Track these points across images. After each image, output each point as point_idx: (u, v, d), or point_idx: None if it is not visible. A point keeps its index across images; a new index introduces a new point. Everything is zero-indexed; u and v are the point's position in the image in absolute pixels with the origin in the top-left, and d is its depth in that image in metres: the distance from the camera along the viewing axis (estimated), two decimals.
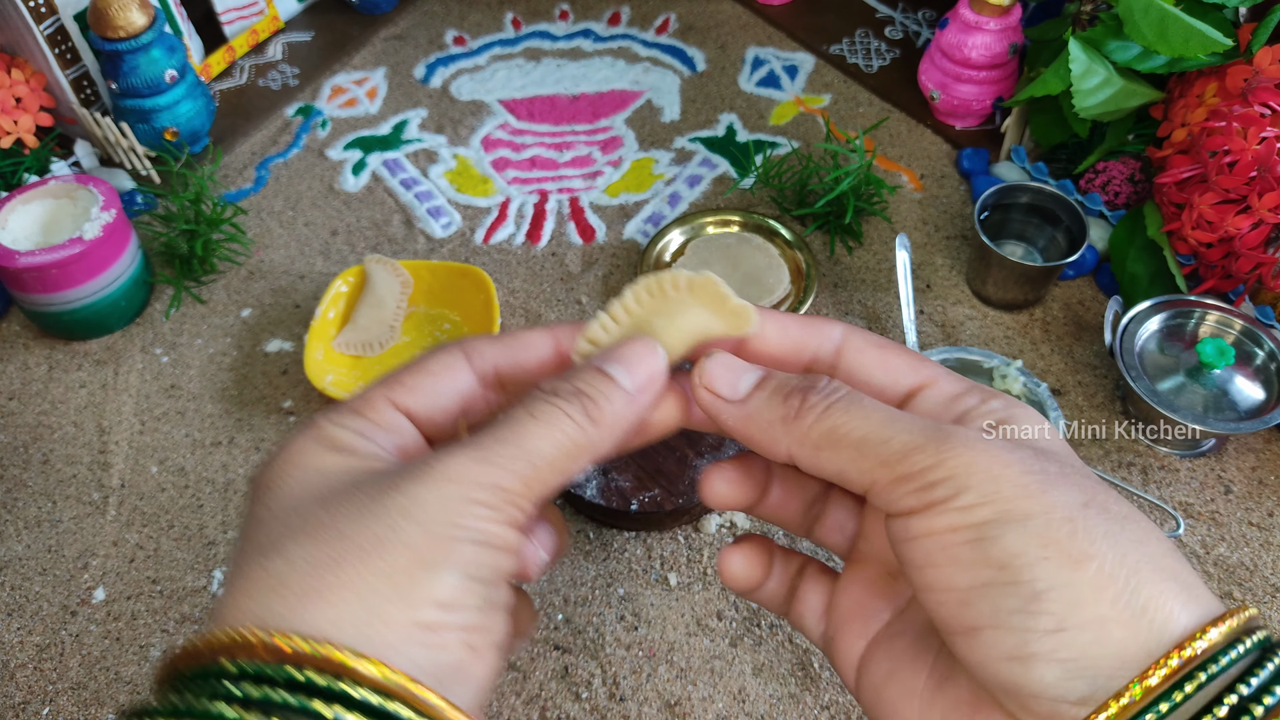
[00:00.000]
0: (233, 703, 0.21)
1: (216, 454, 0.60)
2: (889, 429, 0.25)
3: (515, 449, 0.25)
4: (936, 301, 0.66)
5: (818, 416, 0.26)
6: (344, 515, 0.24)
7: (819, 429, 0.26)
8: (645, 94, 0.82)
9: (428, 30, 0.88)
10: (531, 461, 0.25)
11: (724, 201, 0.73)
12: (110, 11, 0.66)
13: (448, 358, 0.29)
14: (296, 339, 0.65)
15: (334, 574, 0.23)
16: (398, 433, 0.27)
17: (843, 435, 0.25)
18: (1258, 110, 0.55)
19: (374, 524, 0.23)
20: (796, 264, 0.67)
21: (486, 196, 0.74)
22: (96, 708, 0.50)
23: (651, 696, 0.49)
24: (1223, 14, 0.60)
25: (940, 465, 0.24)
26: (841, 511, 0.31)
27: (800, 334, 0.29)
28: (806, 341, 0.29)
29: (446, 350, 0.29)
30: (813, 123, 0.79)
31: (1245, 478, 0.57)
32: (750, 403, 0.27)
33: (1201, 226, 0.58)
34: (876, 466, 0.25)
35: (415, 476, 0.24)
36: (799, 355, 0.29)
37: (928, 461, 0.24)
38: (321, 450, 0.26)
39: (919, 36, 0.85)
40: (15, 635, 0.53)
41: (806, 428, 0.26)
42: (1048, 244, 0.66)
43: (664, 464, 0.55)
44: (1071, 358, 0.63)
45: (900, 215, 0.72)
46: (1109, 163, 0.67)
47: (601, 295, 0.67)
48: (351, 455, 0.26)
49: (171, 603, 0.54)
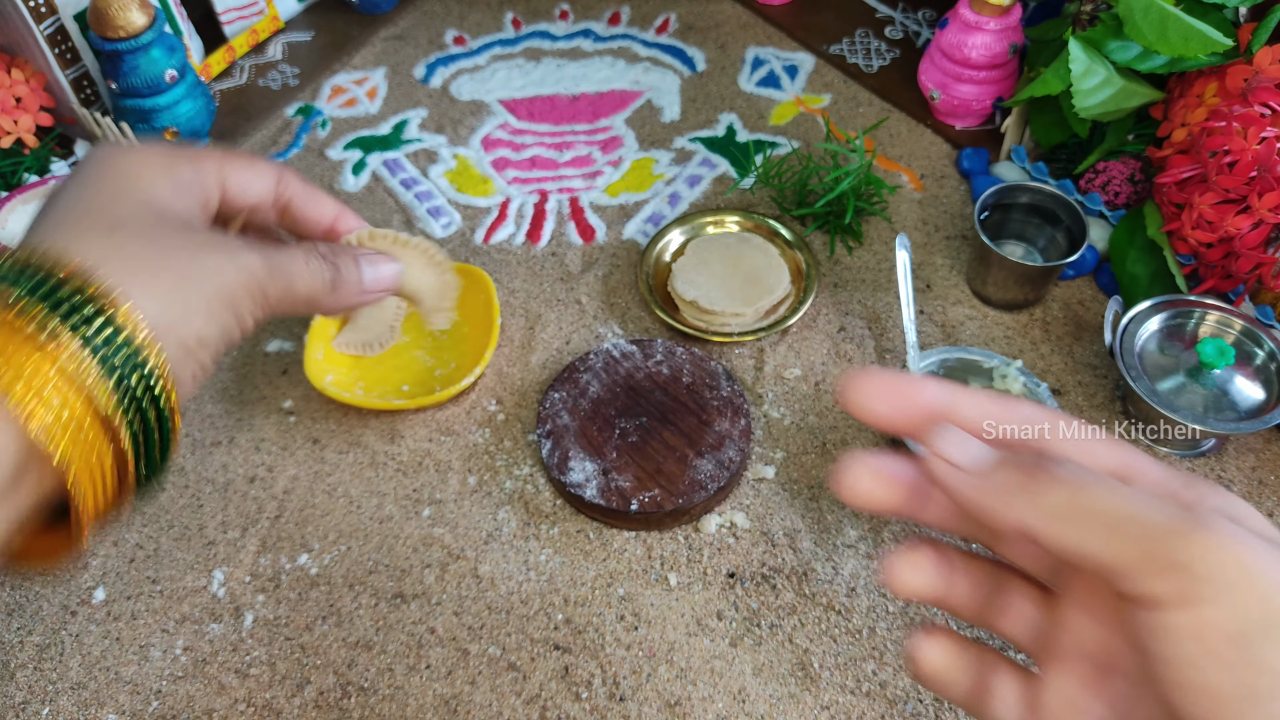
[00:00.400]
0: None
1: (216, 454, 0.60)
2: (1142, 508, 0.24)
3: (286, 275, 0.36)
4: (936, 301, 0.66)
5: (1063, 489, 0.25)
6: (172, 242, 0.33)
7: (1063, 500, 0.25)
8: (645, 94, 0.82)
9: (428, 30, 0.88)
10: (290, 288, 0.36)
11: (724, 201, 0.73)
12: (110, 11, 0.66)
13: (270, 169, 0.40)
14: (296, 339, 0.65)
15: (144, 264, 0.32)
16: (208, 197, 0.38)
17: (1090, 509, 0.25)
18: (1258, 110, 0.55)
19: (190, 258, 0.33)
20: (796, 264, 0.67)
21: (486, 196, 0.74)
22: (96, 708, 0.50)
23: (651, 696, 0.49)
24: (1223, 14, 0.60)
25: (1204, 556, 0.23)
26: (1026, 602, 0.30)
27: (1000, 413, 0.29)
28: (1007, 421, 0.29)
29: (272, 164, 0.40)
30: (813, 123, 0.79)
31: (1245, 478, 0.57)
32: (988, 473, 0.27)
33: (1201, 226, 0.58)
34: (1127, 546, 0.24)
35: (224, 249, 0.34)
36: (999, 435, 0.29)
37: (1189, 550, 0.23)
38: (166, 184, 0.35)
39: (919, 36, 0.85)
40: (15, 635, 0.53)
41: (1049, 497, 0.25)
42: (1048, 244, 0.66)
43: (664, 464, 0.55)
44: (1071, 358, 0.63)
45: (900, 215, 0.72)
46: (1109, 163, 0.67)
47: (602, 295, 0.67)
48: (183, 198, 0.36)
49: (171, 603, 0.54)
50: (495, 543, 0.55)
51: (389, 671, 0.51)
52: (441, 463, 0.59)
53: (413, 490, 0.58)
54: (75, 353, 0.29)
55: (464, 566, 0.54)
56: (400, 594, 0.53)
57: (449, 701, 0.49)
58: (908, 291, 0.59)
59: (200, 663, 0.51)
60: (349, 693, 0.50)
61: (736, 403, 0.58)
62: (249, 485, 0.58)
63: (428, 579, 0.54)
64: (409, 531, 0.56)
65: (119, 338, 0.30)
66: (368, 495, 0.58)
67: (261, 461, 0.59)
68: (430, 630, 0.52)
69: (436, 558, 0.55)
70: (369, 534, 0.56)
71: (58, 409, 0.29)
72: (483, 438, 0.60)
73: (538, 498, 0.57)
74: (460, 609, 0.53)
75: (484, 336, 0.62)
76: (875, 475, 0.29)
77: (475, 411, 0.61)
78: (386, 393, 0.61)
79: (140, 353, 0.30)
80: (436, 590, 0.54)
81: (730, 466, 0.55)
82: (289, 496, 0.58)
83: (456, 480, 0.58)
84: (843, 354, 0.63)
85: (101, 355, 0.30)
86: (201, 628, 0.52)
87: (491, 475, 0.58)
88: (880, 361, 0.63)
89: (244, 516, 0.57)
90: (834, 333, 0.65)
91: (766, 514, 0.56)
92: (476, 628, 0.52)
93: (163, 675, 0.51)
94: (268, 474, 0.59)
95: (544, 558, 0.54)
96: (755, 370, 0.63)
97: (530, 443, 0.59)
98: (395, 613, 0.53)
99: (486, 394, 0.62)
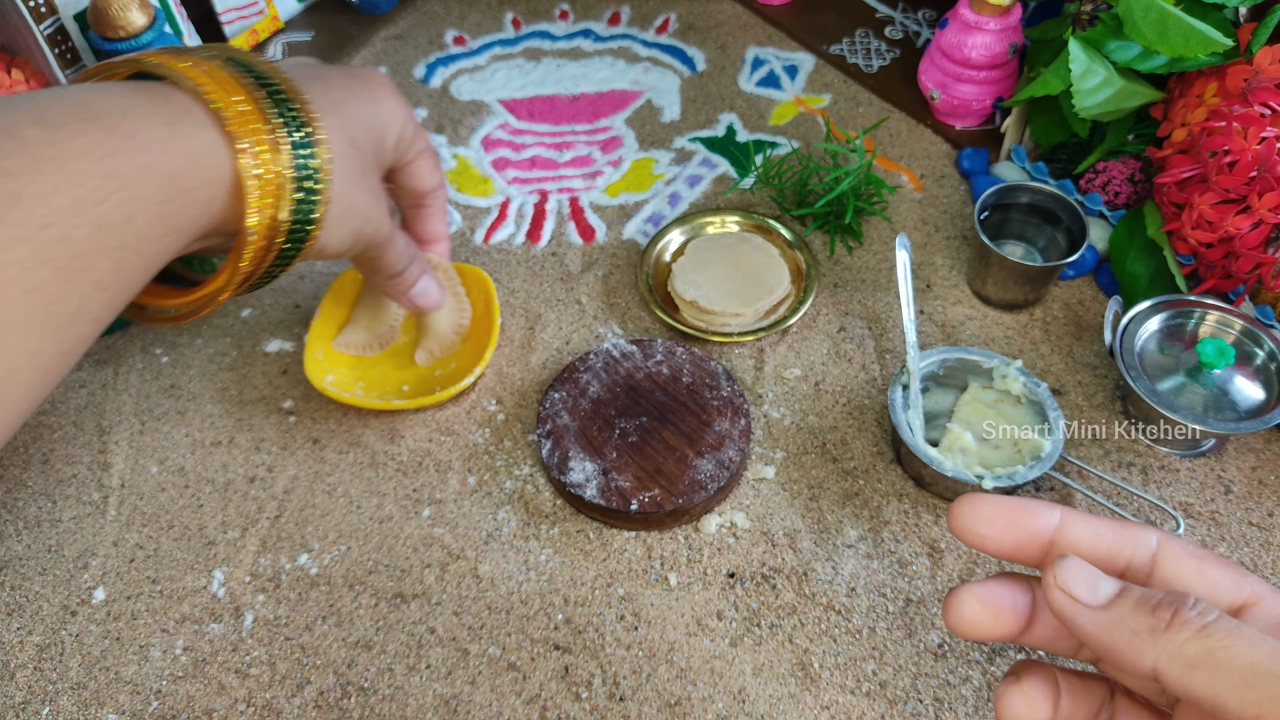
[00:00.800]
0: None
1: (216, 454, 0.60)
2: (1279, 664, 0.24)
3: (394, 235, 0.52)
4: (936, 301, 0.66)
5: (1194, 633, 0.25)
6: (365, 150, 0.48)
7: (1196, 647, 0.25)
8: (645, 94, 0.82)
9: (428, 30, 0.88)
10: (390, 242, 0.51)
11: (724, 201, 0.73)
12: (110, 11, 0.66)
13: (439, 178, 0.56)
14: (296, 339, 0.65)
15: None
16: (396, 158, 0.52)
17: (1226, 659, 0.24)
18: (1258, 110, 0.55)
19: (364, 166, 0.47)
20: (796, 264, 0.67)
21: (486, 196, 0.74)
22: (96, 708, 0.50)
23: (651, 696, 0.49)
24: (1223, 14, 0.60)
25: None
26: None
27: (1114, 539, 0.29)
28: (1121, 548, 0.29)
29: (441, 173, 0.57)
30: (813, 123, 0.79)
31: (1245, 478, 0.57)
32: (1113, 610, 0.27)
33: (1201, 226, 0.58)
34: (1266, 701, 0.24)
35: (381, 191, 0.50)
36: (1113, 562, 0.29)
37: None
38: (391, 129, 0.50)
39: (919, 36, 0.85)
40: (15, 635, 0.53)
41: (1181, 643, 0.25)
42: (1048, 244, 0.66)
43: (664, 464, 0.55)
44: (1071, 358, 0.63)
45: (900, 215, 0.72)
46: (1109, 163, 0.67)
47: (602, 295, 0.67)
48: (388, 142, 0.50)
49: (171, 603, 0.54)
50: (495, 543, 0.55)
51: (389, 671, 0.51)
52: (441, 463, 0.59)
53: (413, 490, 0.58)
54: (284, 139, 0.40)
55: (464, 566, 0.54)
56: (400, 594, 0.53)
57: (449, 701, 0.49)
58: (908, 291, 0.59)
59: (200, 663, 0.51)
60: (349, 693, 0.50)
61: (736, 403, 0.58)
62: (249, 485, 0.58)
63: (428, 579, 0.54)
64: (409, 531, 0.56)
65: (311, 150, 0.41)
66: (368, 495, 0.58)
67: (261, 461, 0.59)
68: (430, 630, 0.52)
69: (436, 558, 0.55)
70: (369, 534, 0.56)
71: (262, 170, 0.39)
72: (483, 438, 0.60)
73: (538, 498, 0.57)
74: (460, 609, 0.53)
75: (484, 336, 0.62)
76: (984, 605, 0.29)
77: (475, 411, 0.61)
78: (386, 393, 0.61)
79: (319, 171, 0.42)
80: (436, 590, 0.54)
81: (730, 466, 0.55)
82: (289, 496, 0.58)
83: (456, 480, 0.58)
84: (843, 354, 0.63)
85: (298, 153, 0.41)
86: (201, 628, 0.53)
87: (491, 475, 0.58)
88: (880, 361, 0.63)
89: (244, 516, 0.57)
90: (834, 333, 0.65)
91: (766, 514, 0.56)
92: (476, 628, 0.52)
93: (163, 675, 0.51)
94: (268, 474, 0.59)
95: (544, 558, 0.54)
96: (755, 370, 0.63)
97: (530, 443, 0.59)
98: (395, 613, 0.53)
99: (486, 394, 0.62)
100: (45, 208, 0.33)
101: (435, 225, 0.58)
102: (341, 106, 0.45)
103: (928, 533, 0.55)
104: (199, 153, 0.38)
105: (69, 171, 0.33)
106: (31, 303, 0.33)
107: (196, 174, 0.38)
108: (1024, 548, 0.29)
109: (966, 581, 0.29)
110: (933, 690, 0.49)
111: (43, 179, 0.33)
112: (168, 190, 0.37)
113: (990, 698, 0.49)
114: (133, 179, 0.35)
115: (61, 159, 0.33)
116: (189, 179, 0.37)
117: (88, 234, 0.34)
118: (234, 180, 0.39)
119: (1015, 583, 0.30)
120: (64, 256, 0.33)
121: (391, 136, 0.50)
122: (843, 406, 0.61)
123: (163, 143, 0.36)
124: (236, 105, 0.39)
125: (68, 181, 0.33)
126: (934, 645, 0.51)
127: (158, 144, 0.36)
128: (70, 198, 0.33)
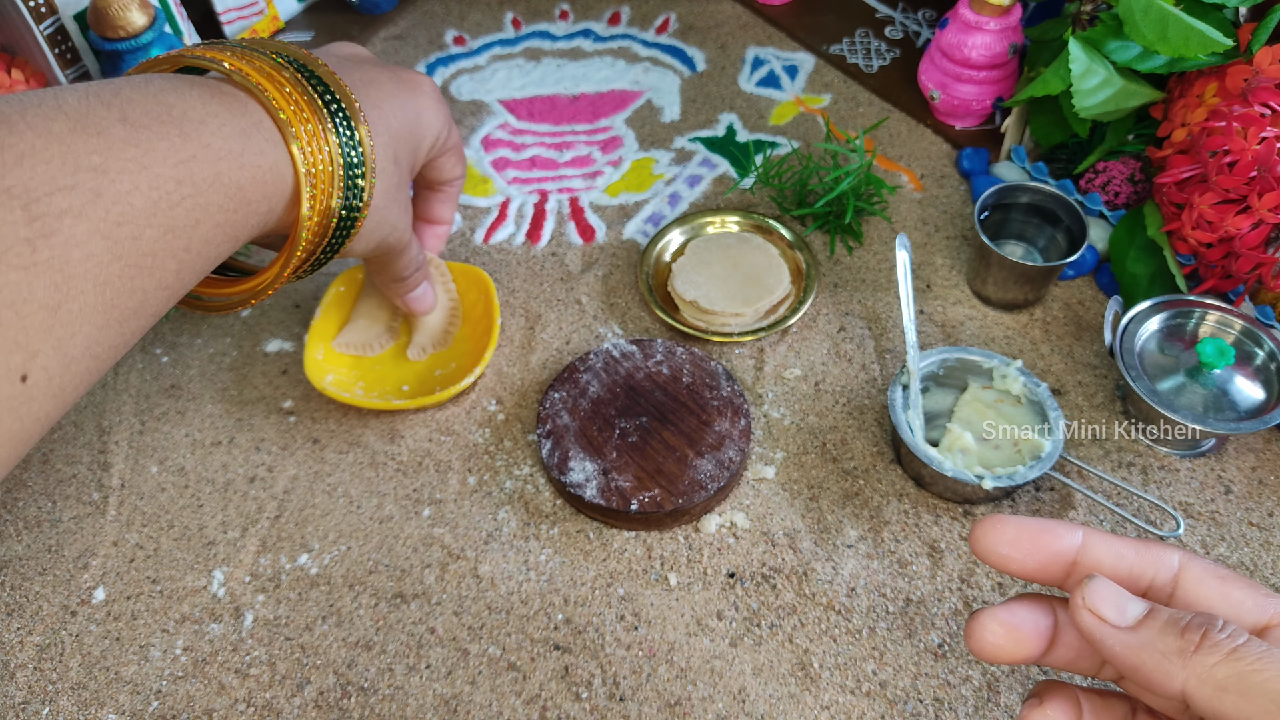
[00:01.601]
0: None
1: (216, 454, 0.60)
2: None
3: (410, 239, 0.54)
4: (936, 301, 0.66)
5: (1225, 656, 0.25)
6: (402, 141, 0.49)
7: (1227, 670, 0.25)
8: (645, 94, 0.82)
9: (428, 30, 0.88)
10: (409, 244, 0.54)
11: (724, 201, 0.73)
12: (110, 11, 0.66)
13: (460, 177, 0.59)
14: (296, 339, 0.65)
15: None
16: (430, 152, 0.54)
17: (1259, 684, 0.24)
18: (1258, 110, 0.56)
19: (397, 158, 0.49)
20: (796, 264, 0.67)
21: (486, 196, 0.74)
22: (96, 708, 0.50)
23: (651, 696, 0.49)
24: (1223, 14, 0.60)
25: None
26: None
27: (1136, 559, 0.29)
28: (1144, 568, 0.29)
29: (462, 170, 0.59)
30: (813, 123, 0.79)
31: (1245, 478, 0.57)
32: (1142, 631, 0.26)
33: (1201, 226, 0.58)
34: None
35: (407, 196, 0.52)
36: (1136, 582, 0.29)
37: None
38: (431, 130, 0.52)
39: (919, 36, 0.85)
40: (15, 635, 0.53)
41: (1211, 665, 0.25)
42: (1048, 244, 0.66)
43: (664, 464, 0.55)
44: (1071, 358, 0.63)
45: (900, 215, 0.72)
46: (1109, 163, 0.67)
47: (602, 295, 0.67)
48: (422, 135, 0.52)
49: (171, 603, 0.54)
50: (495, 543, 0.55)
51: (389, 671, 0.51)
52: (441, 463, 0.59)
53: (413, 490, 0.58)
54: (333, 133, 0.42)
55: (464, 566, 0.54)
56: (400, 594, 0.53)
57: (449, 701, 0.49)
58: (908, 291, 0.59)
59: (200, 663, 0.51)
60: (349, 693, 0.50)
61: (736, 403, 0.58)
62: (249, 485, 0.58)
63: (428, 579, 0.54)
64: (409, 531, 0.56)
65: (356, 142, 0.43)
66: (368, 495, 0.58)
67: (261, 461, 0.59)
68: (430, 630, 0.52)
69: (436, 558, 0.55)
70: (369, 534, 0.56)
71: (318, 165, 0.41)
72: (483, 438, 0.60)
73: (538, 498, 0.57)
74: (460, 609, 0.53)
75: (484, 336, 0.62)
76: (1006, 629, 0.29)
77: (475, 411, 0.61)
78: (386, 393, 0.61)
79: (364, 162, 0.44)
80: (436, 590, 0.54)
81: (730, 466, 0.55)
82: (289, 496, 0.58)
83: (456, 480, 0.58)
84: (843, 354, 0.63)
85: (346, 149, 0.43)
86: (201, 628, 0.53)
87: (491, 475, 0.58)
88: (880, 361, 0.63)
89: (244, 516, 0.57)
90: (834, 333, 0.65)
91: (766, 514, 0.56)
92: (476, 628, 0.52)
93: (163, 675, 0.51)
94: (268, 474, 0.59)
95: (544, 558, 0.54)
96: (755, 370, 0.63)
97: (530, 443, 0.59)
98: (395, 613, 0.53)
99: (486, 394, 0.62)
100: (124, 206, 0.34)
101: (445, 210, 0.60)
102: (390, 121, 0.47)
103: (928, 533, 0.55)
104: (265, 167, 0.40)
105: (149, 174, 0.35)
106: (100, 296, 0.33)
107: (261, 187, 0.40)
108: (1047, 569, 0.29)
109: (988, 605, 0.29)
110: (933, 690, 0.49)
111: (124, 179, 0.34)
112: (234, 200, 0.38)
113: (990, 698, 0.49)
114: (204, 187, 0.37)
115: (142, 161, 0.34)
116: (253, 191, 0.39)
117: (158, 235, 0.35)
118: (294, 193, 0.41)
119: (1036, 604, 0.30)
120: (134, 255, 0.34)
121: (426, 145, 0.52)
122: (843, 406, 0.61)
123: (235, 155, 0.38)
124: (304, 125, 0.41)
125: (147, 184, 0.34)
126: (934, 645, 0.51)
127: (230, 156, 0.38)
128: (147, 200, 0.34)
